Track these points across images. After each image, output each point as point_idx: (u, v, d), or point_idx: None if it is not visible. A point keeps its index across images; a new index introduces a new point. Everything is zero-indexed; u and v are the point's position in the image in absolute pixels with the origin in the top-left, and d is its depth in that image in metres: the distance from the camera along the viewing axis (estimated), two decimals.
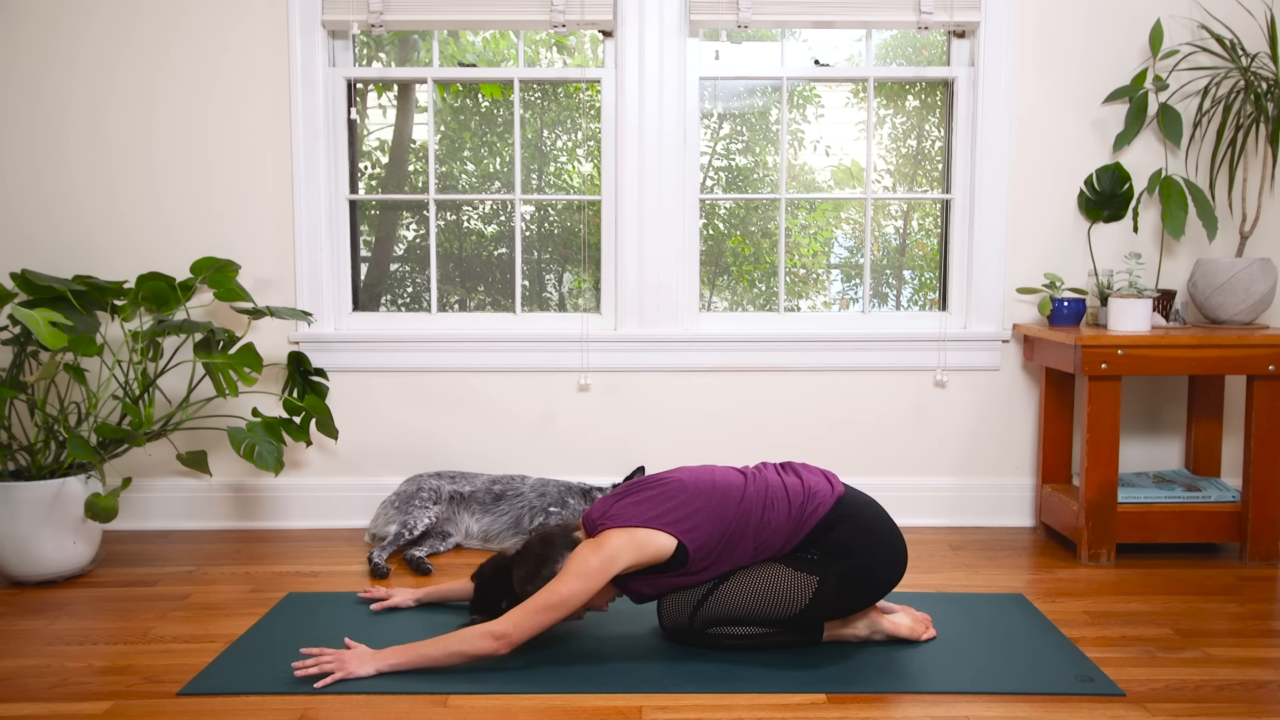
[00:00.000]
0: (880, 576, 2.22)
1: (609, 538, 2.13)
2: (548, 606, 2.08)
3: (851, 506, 2.25)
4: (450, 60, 3.51)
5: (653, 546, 2.14)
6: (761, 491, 2.23)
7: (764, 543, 2.21)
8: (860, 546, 2.20)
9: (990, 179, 3.32)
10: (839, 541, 2.20)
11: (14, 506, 2.72)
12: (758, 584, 2.20)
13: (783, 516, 2.21)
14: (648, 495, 2.21)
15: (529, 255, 3.59)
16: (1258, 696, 2.06)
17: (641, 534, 2.14)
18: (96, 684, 2.12)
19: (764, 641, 2.26)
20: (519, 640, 2.08)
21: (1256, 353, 2.92)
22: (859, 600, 2.23)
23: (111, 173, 3.30)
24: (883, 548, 2.23)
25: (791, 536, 2.21)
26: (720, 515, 2.19)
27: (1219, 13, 3.28)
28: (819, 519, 2.21)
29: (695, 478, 2.25)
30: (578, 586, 2.08)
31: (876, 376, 3.40)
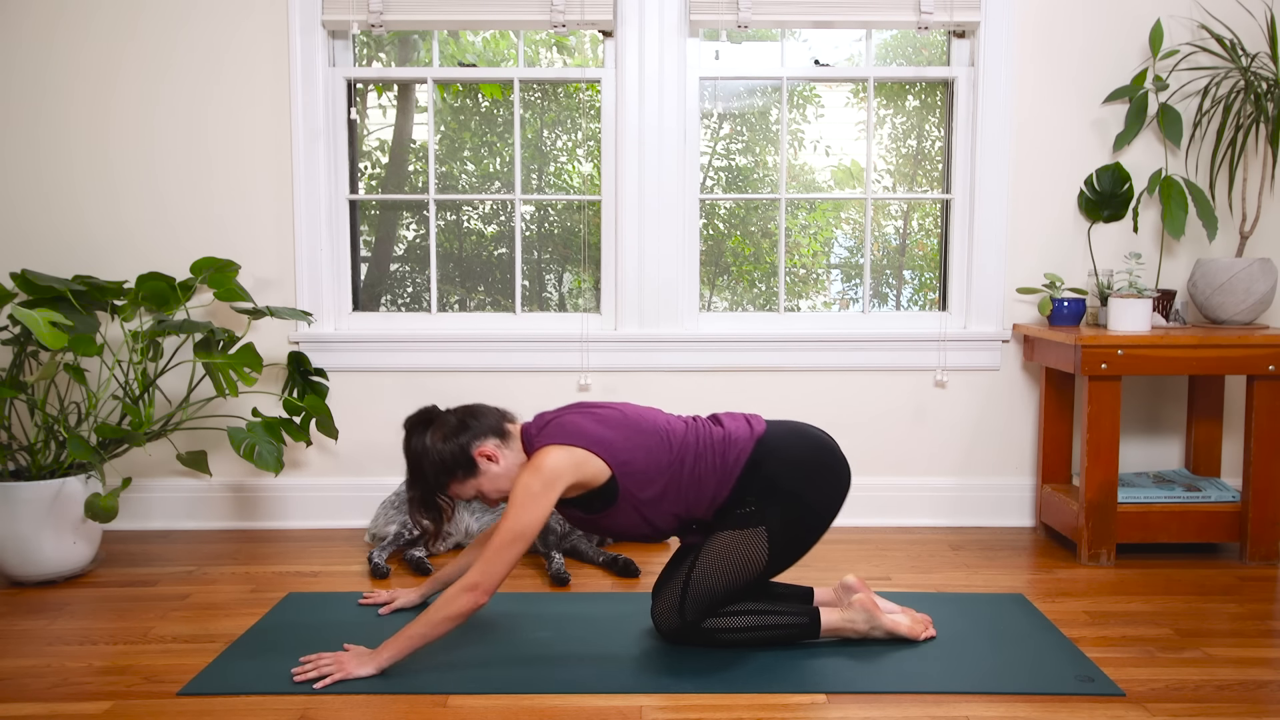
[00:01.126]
0: (819, 502, 2.23)
1: (547, 456, 2.12)
2: (508, 544, 2.07)
3: (773, 442, 2.25)
4: (450, 60, 3.51)
5: (591, 468, 2.14)
6: (694, 441, 2.24)
7: (695, 495, 2.22)
8: (790, 478, 2.21)
9: (990, 179, 3.32)
10: (768, 480, 2.21)
11: (14, 506, 2.72)
12: (720, 555, 2.20)
13: (709, 467, 2.22)
14: (589, 417, 2.21)
15: (529, 255, 3.59)
16: (1258, 696, 2.06)
17: (580, 453, 2.14)
18: (96, 684, 2.13)
19: (762, 636, 2.26)
20: (493, 584, 2.08)
21: (1256, 353, 2.91)
22: (810, 529, 2.23)
23: (112, 172, 3.30)
24: (813, 474, 2.23)
25: (720, 487, 2.22)
26: (656, 457, 2.20)
27: (1219, 13, 3.28)
28: (743, 464, 2.22)
29: (639, 415, 2.26)
30: (529, 515, 2.07)
31: (876, 376, 3.40)
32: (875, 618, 2.30)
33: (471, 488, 2.22)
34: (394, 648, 2.13)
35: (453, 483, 2.21)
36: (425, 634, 2.11)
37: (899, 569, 2.92)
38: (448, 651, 2.27)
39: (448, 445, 2.18)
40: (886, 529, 3.36)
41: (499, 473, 2.21)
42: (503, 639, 2.35)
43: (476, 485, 2.21)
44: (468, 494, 2.23)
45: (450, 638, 2.34)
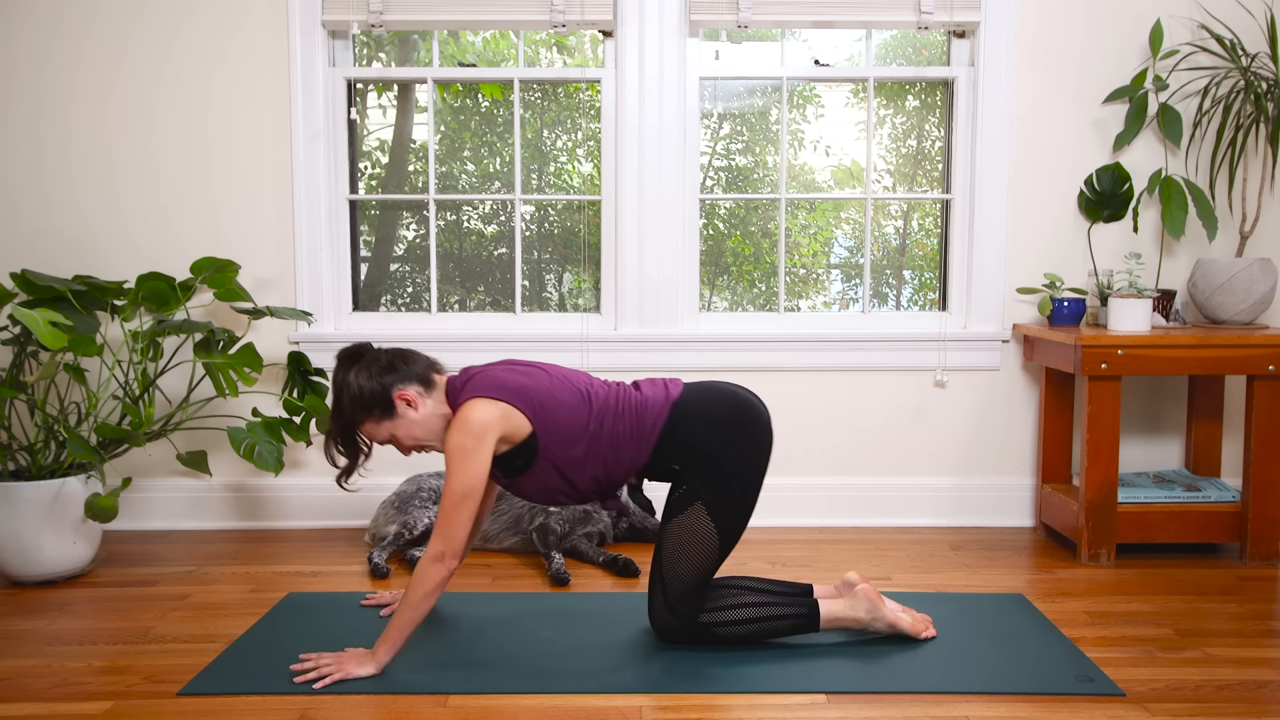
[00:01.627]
0: (742, 459, 2.22)
1: (473, 410, 2.11)
2: (457, 504, 2.07)
3: (689, 406, 2.24)
4: (450, 60, 3.51)
5: (514, 421, 2.15)
6: (614, 404, 2.24)
7: (613, 457, 2.22)
8: (708, 440, 2.21)
9: (990, 179, 3.32)
10: (686, 443, 2.22)
11: (14, 506, 2.72)
12: (677, 544, 2.21)
13: (627, 431, 2.22)
14: (514, 372, 2.21)
15: (529, 255, 3.59)
16: (1258, 696, 2.06)
17: (504, 406, 2.14)
18: (96, 684, 2.13)
19: (761, 629, 2.25)
20: (458, 547, 2.08)
21: (1256, 353, 2.91)
22: (744, 488, 2.22)
23: (112, 172, 3.30)
24: (730, 432, 2.22)
25: (638, 451, 2.22)
26: (576, 416, 2.20)
27: (1219, 13, 3.28)
28: (660, 429, 2.22)
29: (561, 373, 2.27)
30: (469, 472, 2.07)
31: (876, 376, 3.40)
32: (878, 608, 2.29)
33: (386, 430, 2.19)
34: (388, 642, 2.13)
35: (368, 421, 2.19)
36: (411, 617, 2.11)
37: (899, 569, 2.92)
38: (448, 651, 2.27)
39: (370, 383, 2.17)
40: (886, 529, 3.36)
41: (416, 419, 2.19)
42: (503, 639, 2.35)
43: (391, 429, 2.19)
44: (381, 436, 2.20)
45: (450, 638, 2.34)
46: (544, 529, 2.98)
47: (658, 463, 2.25)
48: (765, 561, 2.98)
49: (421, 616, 2.12)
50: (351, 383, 2.17)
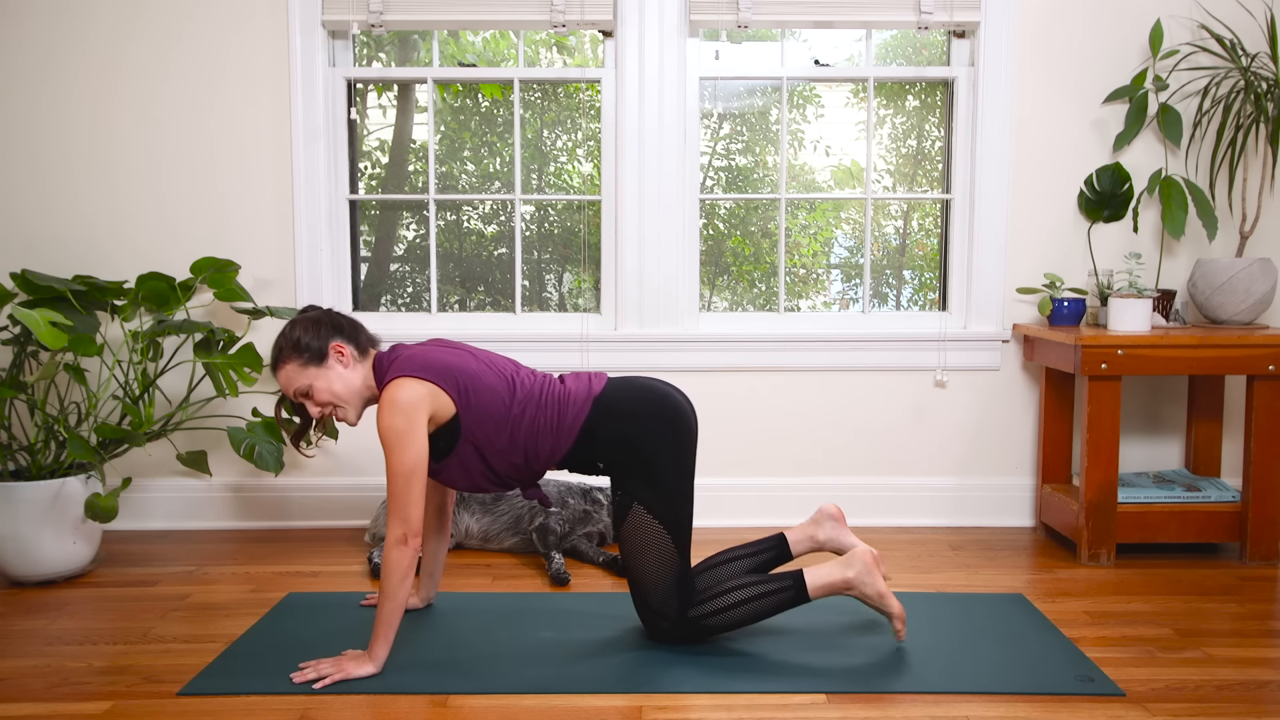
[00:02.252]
0: (664, 452, 2.21)
1: (399, 390, 2.11)
2: (403, 483, 2.07)
3: (610, 402, 2.25)
4: (450, 60, 3.51)
5: (440, 400, 2.15)
6: (537, 394, 2.24)
7: (533, 447, 2.23)
8: (629, 438, 2.21)
9: (990, 179, 3.32)
10: (606, 443, 2.22)
11: (14, 506, 2.72)
12: (635, 552, 2.22)
13: (547, 422, 2.22)
14: (442, 350, 2.21)
15: (529, 255, 3.59)
16: (1258, 696, 2.06)
17: (431, 387, 2.14)
18: (96, 684, 2.13)
19: (750, 610, 2.22)
20: (416, 526, 2.09)
21: (1256, 353, 2.92)
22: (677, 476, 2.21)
23: (112, 172, 3.30)
24: (650, 425, 2.22)
25: (556, 444, 2.23)
26: (499, 399, 2.20)
27: (1219, 13, 3.28)
28: (581, 423, 2.22)
29: (489, 357, 2.28)
30: (408, 451, 2.07)
31: (876, 376, 3.40)
32: (874, 574, 2.23)
33: (307, 378, 2.17)
34: (381, 637, 2.13)
35: (294, 361, 2.17)
36: (393, 606, 2.12)
37: (899, 569, 2.92)
38: (448, 651, 2.27)
39: (309, 331, 2.18)
40: (886, 529, 3.36)
41: (342, 375, 2.19)
42: (503, 639, 2.35)
43: (313, 378, 2.17)
44: (300, 383, 2.18)
45: (450, 638, 2.34)
46: (544, 529, 2.98)
47: (579, 456, 2.25)
48: None
49: (403, 603, 2.12)
50: (291, 329, 2.19)
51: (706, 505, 3.39)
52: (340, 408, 2.21)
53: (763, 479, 3.40)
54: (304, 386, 2.19)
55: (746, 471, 3.41)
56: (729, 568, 2.40)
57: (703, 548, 3.12)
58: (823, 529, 2.49)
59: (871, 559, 2.26)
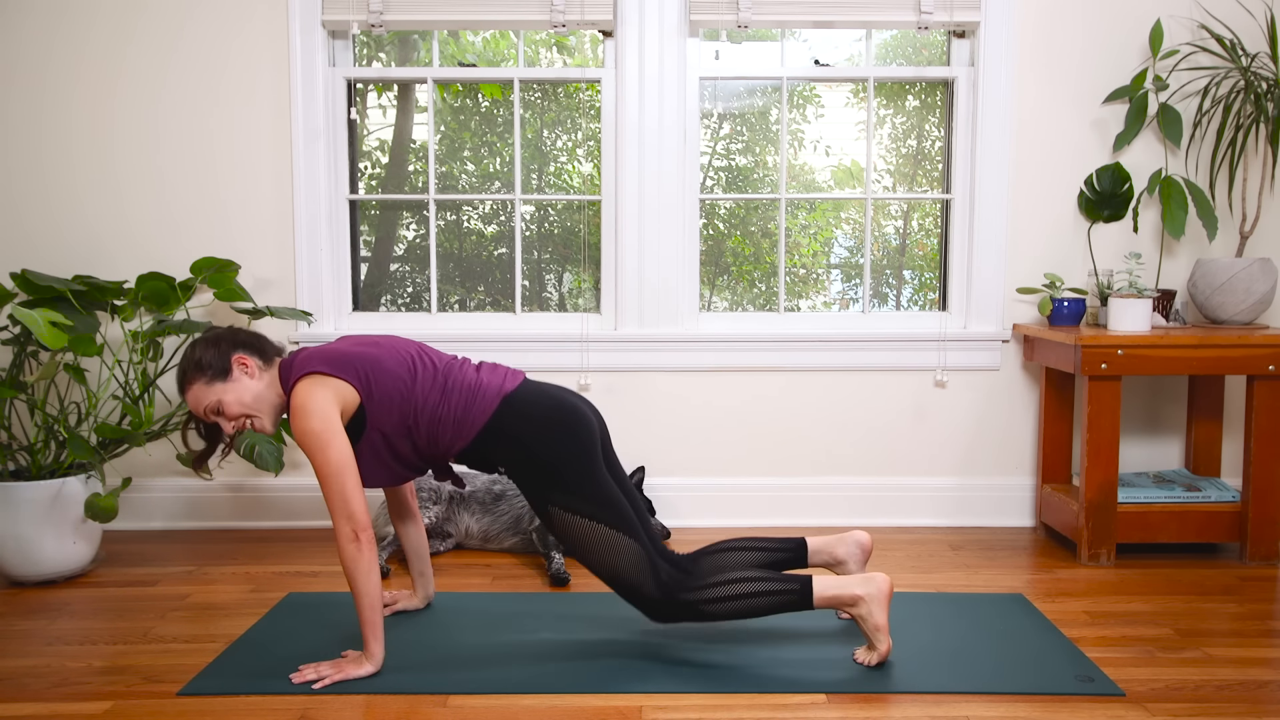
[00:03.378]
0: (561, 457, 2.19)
1: (303, 394, 2.11)
2: (339, 482, 2.06)
3: (517, 403, 2.23)
4: (450, 60, 3.51)
5: (346, 393, 2.15)
6: (444, 382, 2.23)
7: (433, 434, 2.21)
8: (530, 443, 2.19)
9: (990, 179, 3.32)
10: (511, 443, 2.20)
11: (14, 506, 2.72)
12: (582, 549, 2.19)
13: (451, 411, 2.20)
14: (342, 343, 2.22)
15: (529, 255, 3.59)
16: (1258, 696, 2.06)
17: (334, 381, 2.14)
18: (96, 684, 2.13)
19: (751, 605, 2.18)
20: (361, 518, 2.07)
21: (1256, 353, 2.92)
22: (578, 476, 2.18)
23: (112, 172, 3.30)
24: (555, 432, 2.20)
25: (458, 433, 2.20)
26: (400, 385, 2.19)
27: (1219, 13, 3.28)
28: (487, 417, 2.20)
29: (392, 343, 2.27)
30: (330, 450, 2.07)
31: (876, 376, 3.40)
32: (883, 605, 2.17)
33: (215, 394, 2.16)
34: (369, 635, 2.13)
35: (198, 382, 2.16)
36: (369, 602, 2.10)
37: (899, 569, 2.92)
38: (448, 651, 2.27)
39: (210, 347, 2.18)
40: (886, 529, 3.36)
41: (250, 386, 2.18)
42: (503, 639, 2.35)
43: (221, 393, 2.16)
44: (208, 401, 2.17)
45: (450, 638, 2.34)
46: (544, 529, 2.98)
47: (478, 452, 2.24)
48: None
49: (377, 595, 2.11)
50: (191, 350, 2.19)
51: (706, 505, 3.39)
52: (254, 418, 2.21)
53: (763, 479, 3.40)
54: (213, 403, 2.18)
55: (747, 471, 3.41)
56: (740, 556, 2.36)
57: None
58: (844, 547, 2.44)
59: (888, 590, 2.18)
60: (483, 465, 2.28)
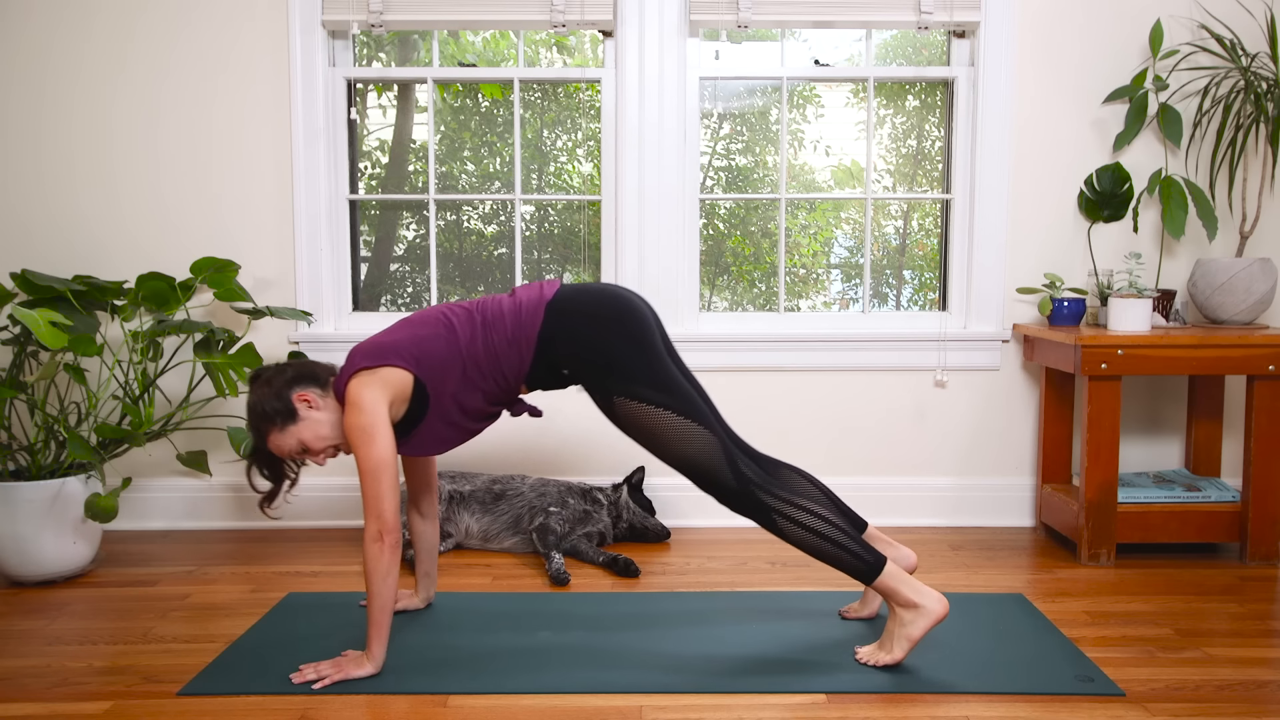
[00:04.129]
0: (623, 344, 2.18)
1: (355, 390, 2.13)
2: (375, 480, 2.07)
3: (562, 304, 2.23)
4: (450, 60, 3.51)
5: (395, 377, 2.15)
6: (480, 319, 2.24)
7: (496, 368, 2.21)
8: (587, 337, 2.19)
9: (990, 179, 3.32)
10: (567, 344, 2.20)
11: (14, 506, 2.72)
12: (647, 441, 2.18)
13: (503, 338, 2.21)
14: (377, 339, 2.22)
15: (529, 255, 3.59)
16: (1258, 696, 2.06)
17: (382, 372, 2.15)
18: (96, 684, 2.13)
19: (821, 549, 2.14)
20: (389, 520, 2.08)
21: (1256, 353, 2.92)
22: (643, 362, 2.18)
23: (112, 172, 3.30)
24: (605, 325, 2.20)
25: (521, 353, 2.21)
26: (447, 343, 2.20)
27: (1219, 13, 3.28)
28: (537, 330, 2.21)
29: (421, 315, 2.28)
30: (373, 447, 2.08)
31: (876, 376, 3.40)
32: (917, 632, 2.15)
33: (293, 436, 2.18)
34: (375, 636, 2.13)
35: (273, 431, 2.18)
36: (380, 604, 2.11)
37: None
38: (448, 651, 2.27)
39: (270, 395, 2.19)
40: (887, 529, 3.36)
41: (320, 419, 2.19)
42: (503, 639, 2.35)
43: (298, 434, 2.18)
44: (291, 445, 2.19)
45: (450, 638, 2.34)
46: (544, 529, 2.98)
47: (543, 366, 2.23)
48: (765, 561, 2.98)
49: (390, 600, 2.11)
50: (253, 399, 2.20)
51: (706, 505, 3.39)
52: (339, 445, 2.23)
53: None
54: (296, 445, 2.20)
55: None
56: (823, 494, 2.33)
57: (707, 546, 3.13)
58: (892, 551, 2.42)
59: (942, 616, 2.15)
60: (553, 380, 2.27)
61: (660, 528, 3.17)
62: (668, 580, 2.81)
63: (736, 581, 2.80)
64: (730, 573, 2.87)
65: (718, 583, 2.78)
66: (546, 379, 2.28)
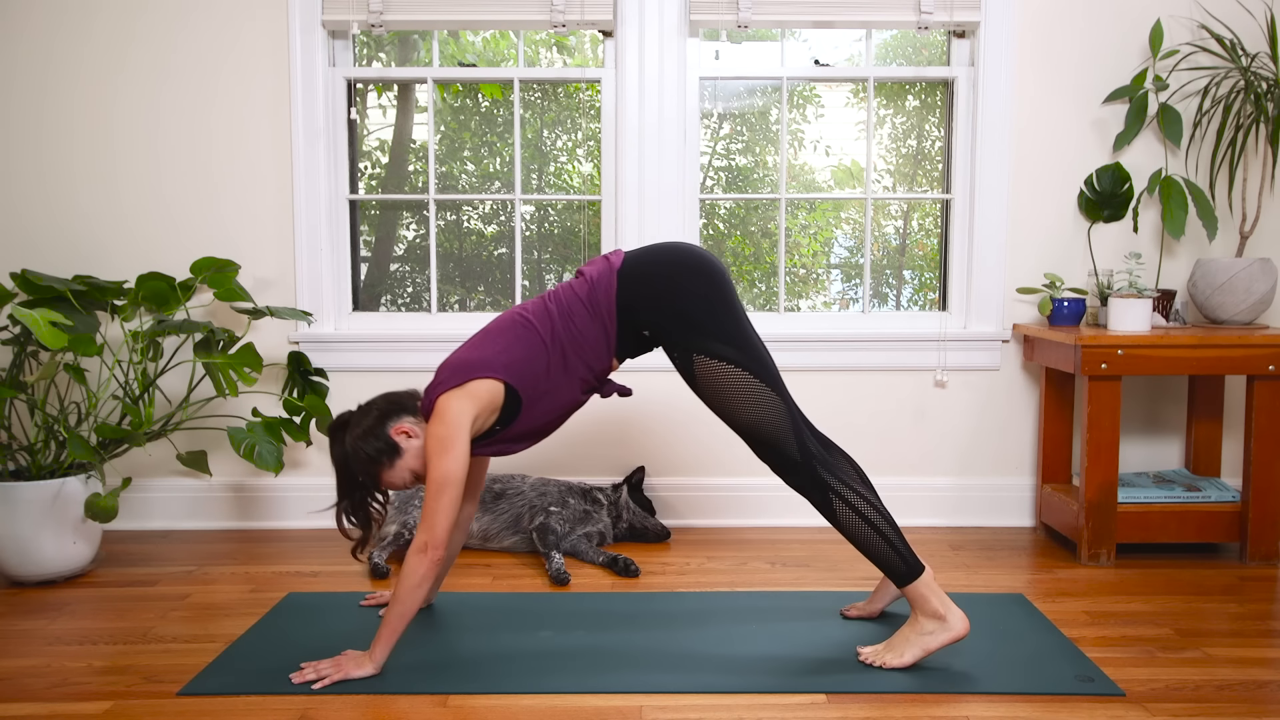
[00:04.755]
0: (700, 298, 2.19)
1: (443, 403, 2.14)
2: (438, 493, 2.07)
3: (632, 268, 2.24)
4: (450, 60, 3.51)
5: (484, 390, 2.16)
6: (555, 307, 2.25)
7: (584, 349, 2.22)
8: (663, 295, 2.20)
9: (990, 179, 3.32)
10: (645, 306, 2.21)
11: (14, 506, 2.72)
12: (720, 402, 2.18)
13: (584, 318, 2.22)
14: (462, 355, 2.22)
15: (529, 255, 3.59)
16: (1258, 696, 2.06)
17: (469, 385, 2.15)
18: (96, 684, 2.13)
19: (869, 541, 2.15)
20: (441, 537, 2.08)
21: (1256, 353, 2.92)
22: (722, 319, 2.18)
23: (112, 172, 3.30)
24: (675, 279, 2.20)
25: (605, 328, 2.22)
26: (530, 342, 2.21)
27: (1219, 13, 3.28)
28: (614, 300, 2.22)
29: (497, 322, 2.28)
30: (448, 460, 2.08)
31: (876, 376, 3.40)
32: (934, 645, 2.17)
33: (402, 470, 2.21)
34: (383, 640, 2.13)
35: (385, 472, 2.21)
36: (401, 611, 2.11)
37: None
38: (448, 651, 2.27)
39: (368, 437, 2.20)
40: None
41: (421, 446, 2.21)
42: (503, 639, 2.35)
43: (406, 466, 2.21)
44: (401, 479, 2.22)
45: (450, 638, 2.34)
46: (544, 528, 2.98)
47: (627, 332, 2.24)
48: (765, 561, 2.98)
49: (412, 610, 2.12)
50: (353, 447, 2.20)
51: (706, 505, 3.39)
52: None
53: (763, 479, 3.40)
54: (407, 477, 2.23)
55: (746, 472, 3.41)
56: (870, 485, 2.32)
57: (707, 546, 3.13)
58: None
59: (963, 635, 2.17)
60: (638, 346, 2.28)
61: (660, 528, 3.17)
62: (668, 580, 2.81)
63: (736, 581, 2.80)
64: (730, 573, 2.87)
65: (718, 583, 2.78)
66: (633, 346, 2.29)
